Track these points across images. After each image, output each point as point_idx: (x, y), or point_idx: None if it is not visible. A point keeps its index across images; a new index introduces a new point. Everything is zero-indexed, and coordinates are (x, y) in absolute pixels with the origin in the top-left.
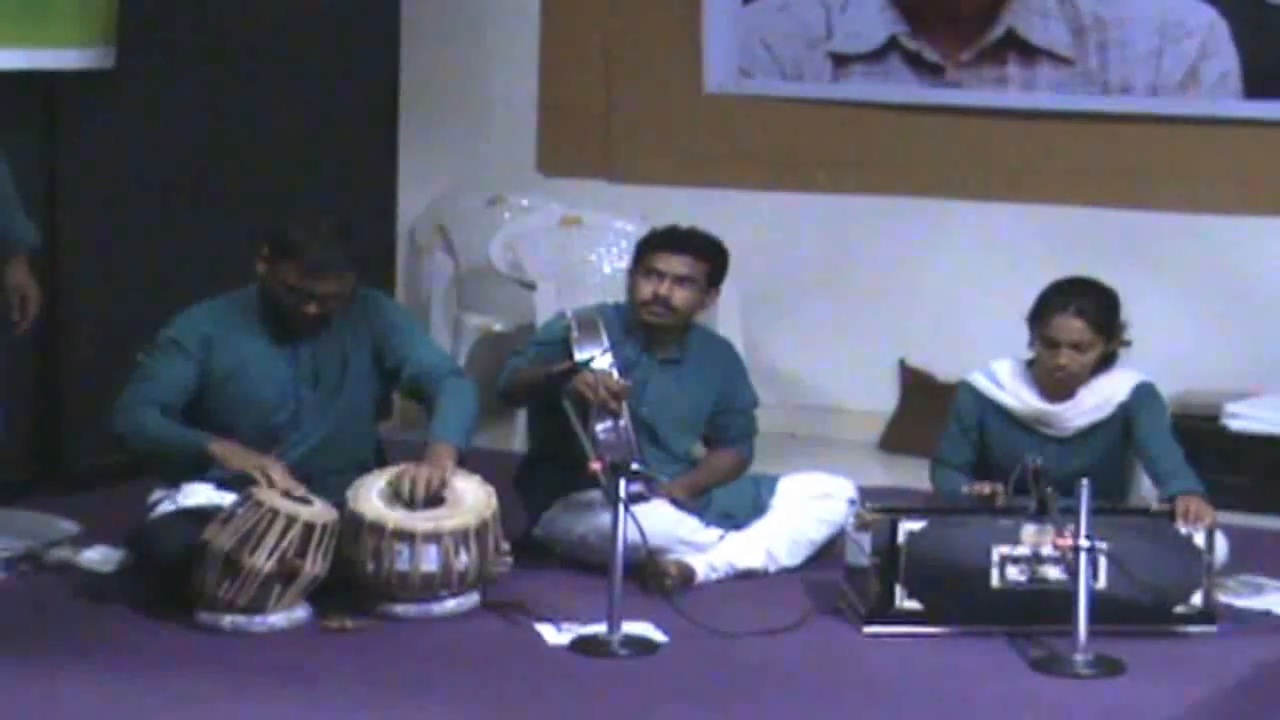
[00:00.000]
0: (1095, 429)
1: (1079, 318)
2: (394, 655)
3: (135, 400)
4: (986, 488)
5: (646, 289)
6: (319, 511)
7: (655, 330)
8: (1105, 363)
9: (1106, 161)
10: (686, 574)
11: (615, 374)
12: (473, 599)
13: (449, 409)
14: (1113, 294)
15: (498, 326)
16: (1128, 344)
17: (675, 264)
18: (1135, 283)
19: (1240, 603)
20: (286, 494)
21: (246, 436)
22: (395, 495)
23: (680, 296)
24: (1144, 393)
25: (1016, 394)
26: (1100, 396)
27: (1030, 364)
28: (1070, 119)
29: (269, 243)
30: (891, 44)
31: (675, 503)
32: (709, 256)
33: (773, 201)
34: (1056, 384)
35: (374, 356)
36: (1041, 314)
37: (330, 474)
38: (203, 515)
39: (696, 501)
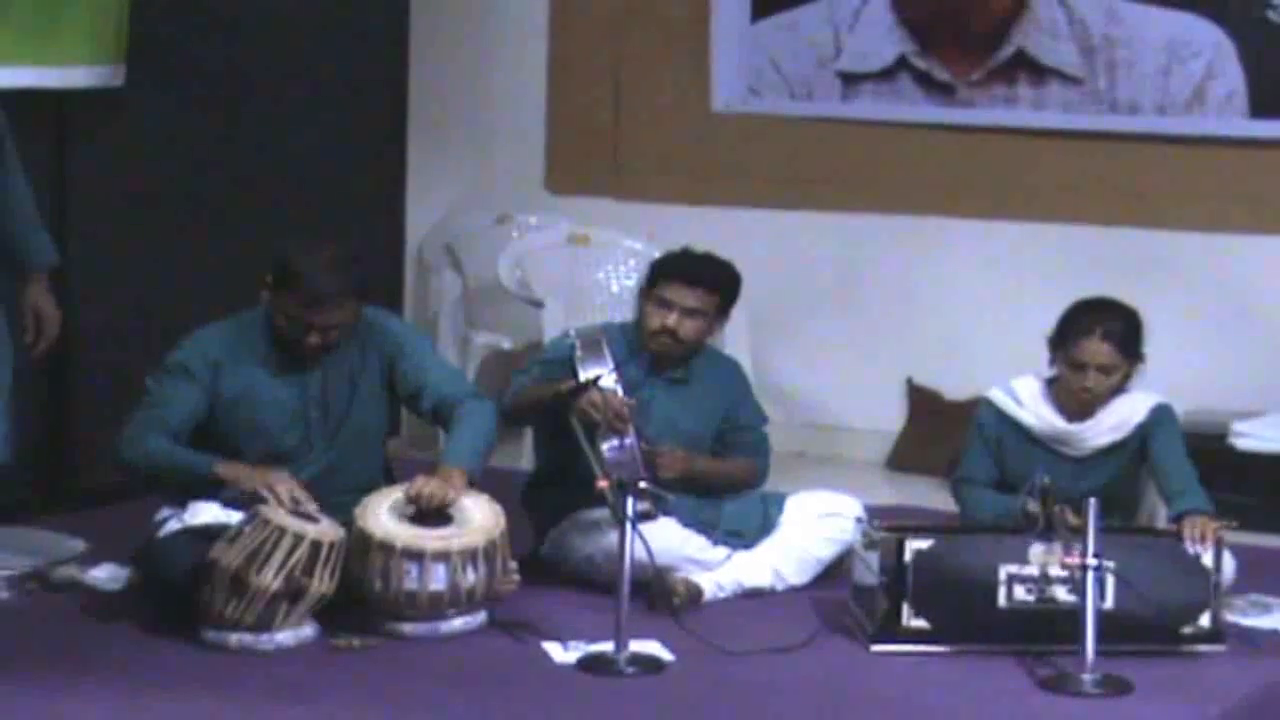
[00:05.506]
0: (1112, 449)
1: (1106, 341)
2: (401, 674)
3: (143, 428)
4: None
5: (655, 320)
6: (326, 529)
7: (661, 355)
8: (1123, 383)
9: (1114, 181)
10: (694, 592)
11: (621, 393)
12: (480, 617)
13: (464, 433)
14: (1137, 316)
15: (505, 345)
16: (1142, 360)
17: (686, 297)
18: (1142, 301)
19: (1248, 622)
20: (295, 510)
21: (255, 460)
22: (408, 502)
23: (688, 328)
24: (1161, 413)
25: (1036, 412)
26: (1119, 417)
27: (1051, 382)
28: (1079, 138)
29: (271, 271)
30: (901, 63)
31: (657, 480)
32: (721, 288)
33: (781, 220)
34: (1079, 405)
35: (383, 379)
36: (1067, 337)
37: (339, 496)
38: (210, 533)
39: (679, 480)
